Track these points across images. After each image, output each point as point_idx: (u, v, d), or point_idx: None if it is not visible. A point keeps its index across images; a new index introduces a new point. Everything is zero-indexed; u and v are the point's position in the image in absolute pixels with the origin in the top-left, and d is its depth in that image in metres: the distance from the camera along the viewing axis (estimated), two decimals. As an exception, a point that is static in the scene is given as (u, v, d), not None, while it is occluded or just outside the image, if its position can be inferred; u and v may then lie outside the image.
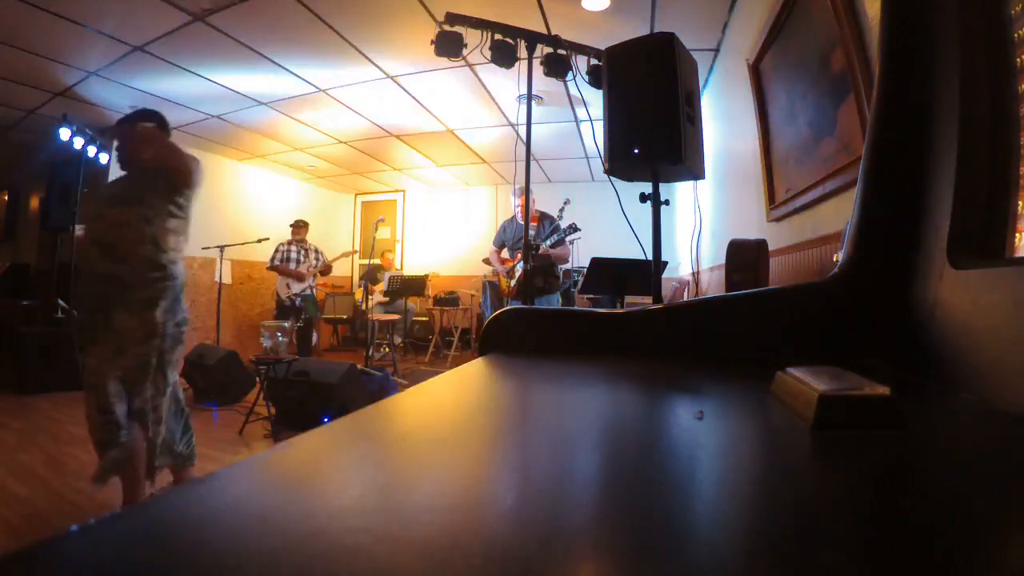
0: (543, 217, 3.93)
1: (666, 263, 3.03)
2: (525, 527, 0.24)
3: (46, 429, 3.31)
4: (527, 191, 2.81)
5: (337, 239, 8.42)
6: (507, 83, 4.13)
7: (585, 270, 3.33)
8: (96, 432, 1.86)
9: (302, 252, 5.83)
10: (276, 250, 5.80)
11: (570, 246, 3.99)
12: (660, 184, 1.78)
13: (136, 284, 1.89)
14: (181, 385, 2.10)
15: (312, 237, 6.12)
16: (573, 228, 3.72)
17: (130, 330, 1.88)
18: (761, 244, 2.05)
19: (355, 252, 6.13)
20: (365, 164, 7.03)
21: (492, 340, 0.85)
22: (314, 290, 5.96)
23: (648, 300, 2.19)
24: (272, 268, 5.81)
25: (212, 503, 0.26)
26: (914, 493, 0.30)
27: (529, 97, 2.72)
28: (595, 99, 2.62)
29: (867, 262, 0.69)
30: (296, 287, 5.69)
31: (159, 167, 1.99)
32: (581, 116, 4.95)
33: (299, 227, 5.91)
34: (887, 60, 0.69)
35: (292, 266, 5.73)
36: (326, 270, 5.94)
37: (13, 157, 5.91)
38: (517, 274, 3.74)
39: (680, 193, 5.49)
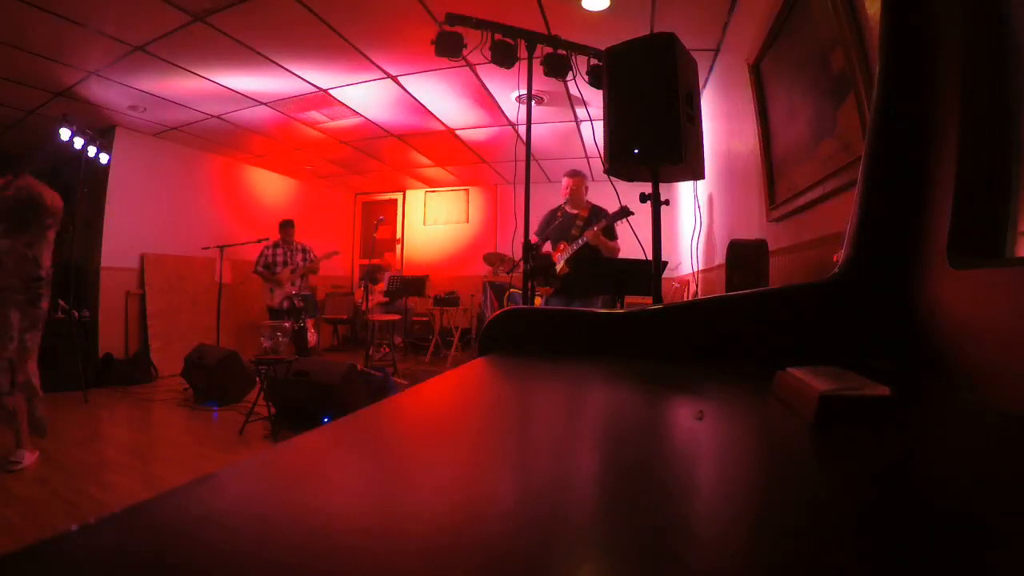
0: (596, 211, 3.58)
1: (666, 263, 3.02)
2: (525, 527, 0.24)
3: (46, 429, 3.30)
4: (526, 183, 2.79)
5: (337, 239, 8.43)
6: (507, 83, 4.13)
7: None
8: None
9: (288, 254, 5.57)
10: (260, 254, 5.55)
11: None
12: (660, 184, 1.78)
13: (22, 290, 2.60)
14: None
15: (312, 237, 6.07)
16: (625, 211, 3.09)
17: (16, 323, 2.59)
18: (761, 244, 2.05)
19: (336, 252, 5.87)
20: (365, 164, 7.03)
21: (492, 340, 0.85)
22: (308, 290, 5.75)
23: (648, 300, 2.19)
24: (255, 273, 5.60)
25: (212, 503, 0.26)
26: (914, 493, 0.30)
27: (529, 97, 2.72)
28: (595, 99, 2.62)
29: (867, 262, 0.69)
30: (279, 293, 5.43)
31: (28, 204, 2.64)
32: (581, 116, 4.95)
33: (285, 228, 5.64)
34: (887, 60, 0.69)
35: (277, 269, 5.52)
36: (311, 269, 5.64)
37: (13, 157, 5.91)
38: (559, 267, 3.41)
39: (680, 193, 5.49)
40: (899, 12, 0.69)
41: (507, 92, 4.43)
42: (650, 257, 1.91)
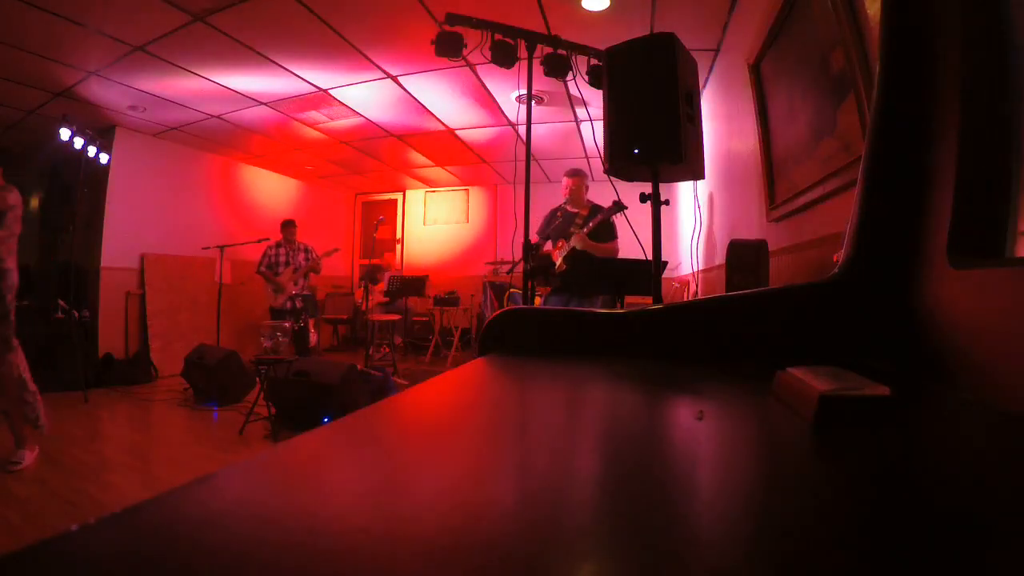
0: (595, 209, 3.49)
1: (666, 263, 3.02)
2: (525, 527, 0.24)
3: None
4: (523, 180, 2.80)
5: (337, 239, 8.43)
6: (507, 83, 4.13)
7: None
8: None
9: (290, 254, 5.62)
10: (264, 254, 5.60)
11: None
12: (660, 184, 1.78)
13: None
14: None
15: (312, 237, 6.08)
16: (619, 206, 3.04)
17: None
18: (761, 244, 2.05)
19: (337, 249, 5.92)
20: (365, 164, 7.03)
21: (492, 340, 0.85)
22: (308, 290, 5.81)
23: (648, 300, 2.19)
24: (258, 273, 5.65)
25: (212, 503, 0.26)
26: (914, 493, 0.30)
27: (529, 97, 2.72)
28: (595, 99, 2.62)
29: (867, 262, 0.69)
30: (281, 295, 5.47)
31: None
32: (581, 116, 4.95)
33: (287, 227, 5.70)
34: (887, 60, 0.69)
35: (280, 269, 5.56)
36: (313, 268, 5.70)
37: (13, 157, 5.91)
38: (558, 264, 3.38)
39: (680, 193, 5.49)
40: (899, 12, 0.69)
41: (507, 92, 4.42)
42: (650, 257, 1.91)
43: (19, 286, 2.96)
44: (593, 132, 2.83)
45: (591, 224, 3.25)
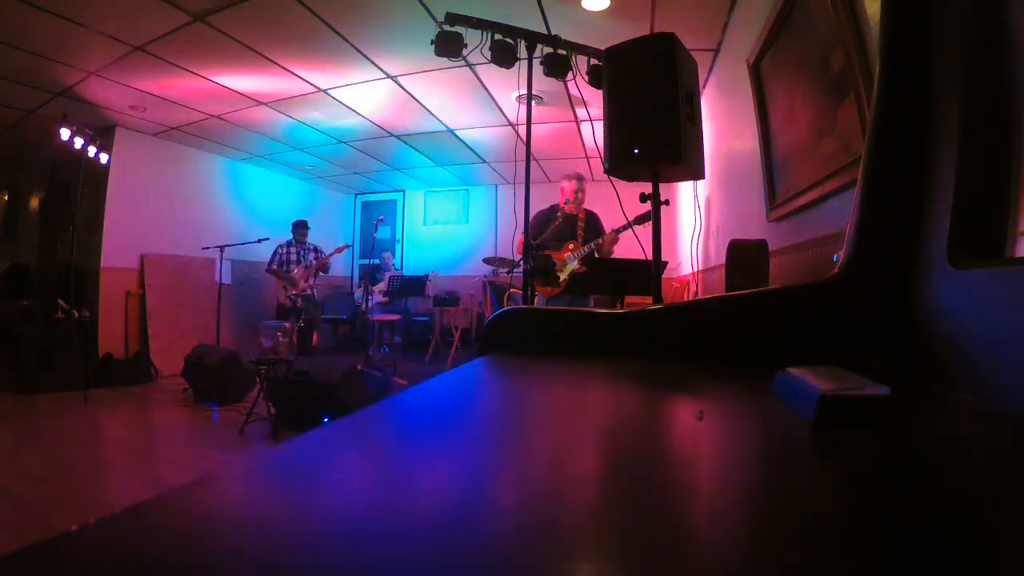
0: (590, 213, 3.64)
1: (666, 263, 3.02)
2: (525, 527, 0.24)
3: (46, 429, 3.31)
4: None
5: (337, 239, 8.42)
6: (507, 83, 4.13)
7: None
8: None
9: (300, 252, 5.83)
10: (274, 252, 5.80)
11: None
12: (660, 184, 1.78)
13: None
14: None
15: (312, 237, 6.13)
16: (648, 216, 3.09)
17: None
18: (761, 244, 2.05)
19: (348, 246, 6.11)
20: (365, 164, 7.03)
21: (492, 340, 0.85)
22: (314, 291, 5.95)
23: (648, 300, 2.19)
24: (268, 271, 5.85)
25: (212, 503, 0.26)
26: (914, 493, 0.30)
27: (529, 97, 2.72)
28: (595, 99, 2.62)
29: (867, 262, 0.69)
30: (292, 290, 5.69)
31: None
32: (581, 116, 4.95)
33: (299, 228, 5.93)
34: (887, 60, 0.69)
35: (291, 267, 5.74)
36: (323, 267, 5.91)
37: (13, 157, 5.91)
38: (570, 266, 3.49)
39: (680, 193, 5.49)
40: (899, 12, 0.69)
41: (507, 92, 4.42)
42: (650, 257, 1.91)
43: (19, 286, 2.91)
44: (593, 132, 2.83)
45: (618, 236, 3.38)
